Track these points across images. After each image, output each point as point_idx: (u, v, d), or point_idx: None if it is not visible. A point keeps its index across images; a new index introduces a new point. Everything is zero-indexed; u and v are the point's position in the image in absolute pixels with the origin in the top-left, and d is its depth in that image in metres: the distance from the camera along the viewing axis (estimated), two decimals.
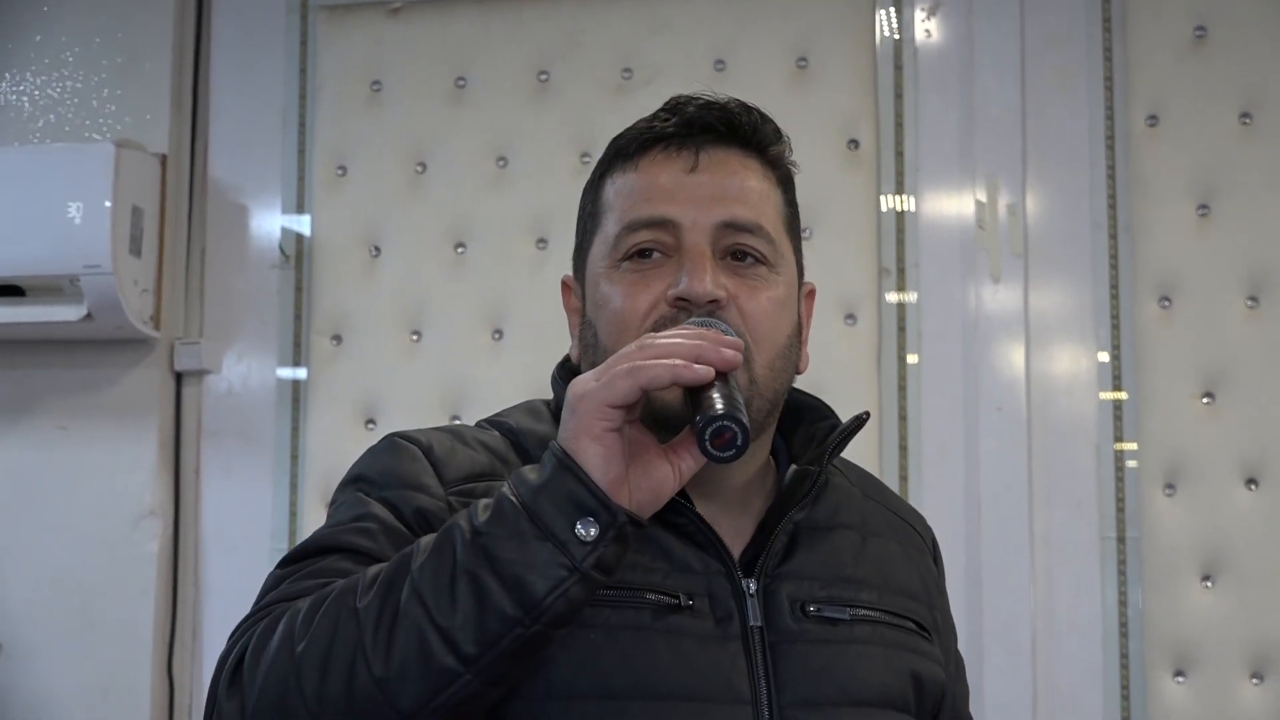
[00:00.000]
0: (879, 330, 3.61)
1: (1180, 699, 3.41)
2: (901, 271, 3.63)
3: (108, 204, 3.52)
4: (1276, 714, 3.39)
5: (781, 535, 1.78)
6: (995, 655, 3.46)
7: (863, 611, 1.80)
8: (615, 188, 1.82)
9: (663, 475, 1.57)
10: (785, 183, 1.86)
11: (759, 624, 1.74)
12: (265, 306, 3.82)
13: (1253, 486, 3.43)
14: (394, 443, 1.79)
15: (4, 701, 3.66)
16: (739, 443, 1.53)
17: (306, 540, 1.74)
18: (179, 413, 3.80)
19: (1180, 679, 3.40)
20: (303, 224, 3.83)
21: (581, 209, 1.89)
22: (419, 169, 3.84)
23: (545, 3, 3.83)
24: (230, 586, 3.53)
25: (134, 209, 3.60)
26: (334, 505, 1.80)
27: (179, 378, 3.79)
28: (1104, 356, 3.53)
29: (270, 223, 3.83)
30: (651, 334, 1.61)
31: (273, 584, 1.69)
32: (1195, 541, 3.46)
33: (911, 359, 3.59)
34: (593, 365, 1.70)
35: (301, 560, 1.70)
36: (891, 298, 3.62)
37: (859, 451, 3.41)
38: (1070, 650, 3.46)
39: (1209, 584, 3.42)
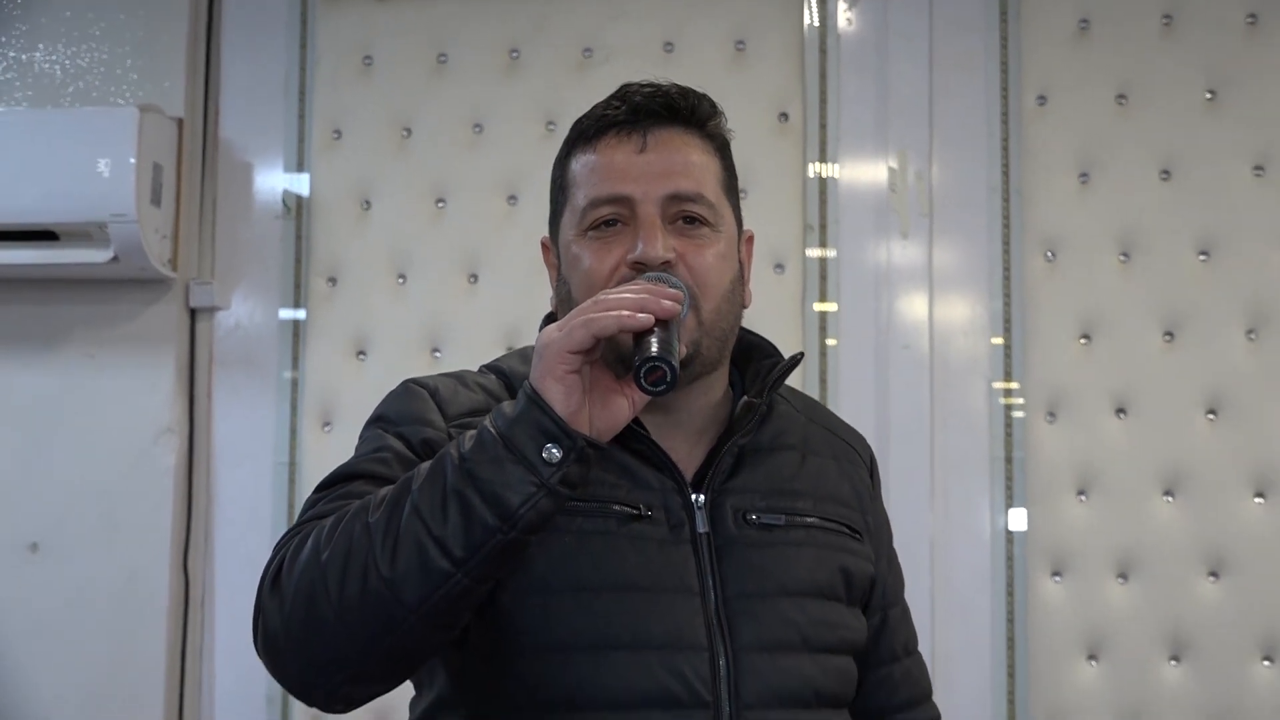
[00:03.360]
0: (804, 279, 3.61)
1: (1057, 596, 3.44)
2: (823, 228, 3.62)
3: (132, 160, 3.51)
4: (1138, 609, 3.43)
5: (727, 457, 1.81)
6: (902, 560, 3.48)
7: (798, 518, 1.83)
8: (579, 165, 1.85)
9: (618, 406, 1.62)
10: (722, 150, 1.89)
11: (706, 530, 1.77)
12: (269, 252, 3.80)
13: (1121, 415, 3.46)
14: (408, 387, 1.85)
15: (40, 593, 3.65)
16: (669, 379, 1.57)
17: (337, 468, 1.78)
18: (193, 344, 3.79)
19: (1057, 579, 3.44)
20: (302, 181, 3.82)
21: (553, 181, 1.91)
22: (405, 133, 3.83)
23: None
24: (238, 494, 3.56)
25: (154, 165, 3.59)
26: (361, 440, 1.85)
27: (193, 313, 3.78)
28: (996, 304, 3.55)
29: (273, 179, 3.82)
30: (605, 290, 1.67)
31: (309, 505, 1.75)
32: (1071, 462, 3.49)
33: (831, 305, 3.59)
34: None
35: (332, 485, 1.75)
36: (814, 252, 3.61)
37: (789, 384, 3.51)
38: (963, 556, 3.50)
39: (1083, 498, 3.46)
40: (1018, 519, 3.48)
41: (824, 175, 3.63)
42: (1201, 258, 3.46)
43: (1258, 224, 3.46)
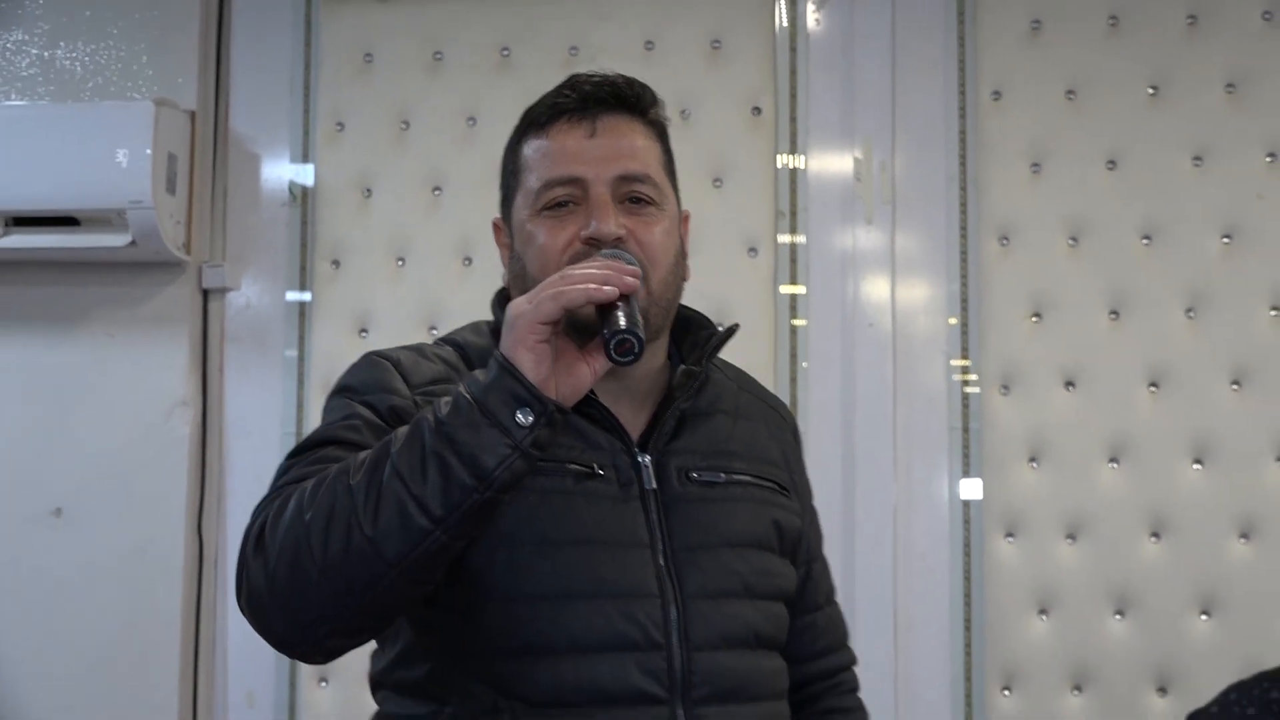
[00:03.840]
0: (775, 262, 3.62)
1: (1010, 557, 3.48)
2: (793, 215, 3.62)
3: (148, 151, 3.52)
4: (1085, 568, 3.45)
5: (670, 420, 1.86)
6: (865, 525, 3.52)
7: (735, 476, 1.88)
8: (531, 150, 1.87)
9: (581, 373, 1.64)
10: (662, 136, 1.92)
11: (653, 488, 1.81)
12: (276, 237, 3.81)
13: (1070, 388, 3.49)
14: (371, 359, 1.85)
15: (63, 556, 3.67)
16: (636, 350, 1.61)
17: (309, 435, 1.79)
18: (205, 323, 3.79)
19: (1010, 540, 3.47)
20: (307, 170, 3.82)
21: (504, 166, 1.93)
22: (403, 126, 3.82)
23: None
24: (248, 464, 3.54)
25: (169, 155, 3.60)
26: (327, 409, 1.85)
27: (205, 294, 3.78)
28: (954, 285, 3.57)
29: (280, 168, 3.82)
30: (570, 266, 1.68)
31: (283, 471, 1.75)
32: (1023, 432, 3.51)
33: (800, 287, 3.60)
34: (522, 290, 1.77)
35: (305, 452, 1.75)
36: (784, 237, 3.62)
37: (762, 361, 3.65)
38: (923, 520, 3.52)
39: (1034, 465, 3.48)
40: (973, 486, 3.51)
41: (793, 165, 3.64)
42: (1144, 242, 3.48)
43: (1196, 211, 3.48)
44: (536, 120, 1.88)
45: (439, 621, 1.79)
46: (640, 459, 1.84)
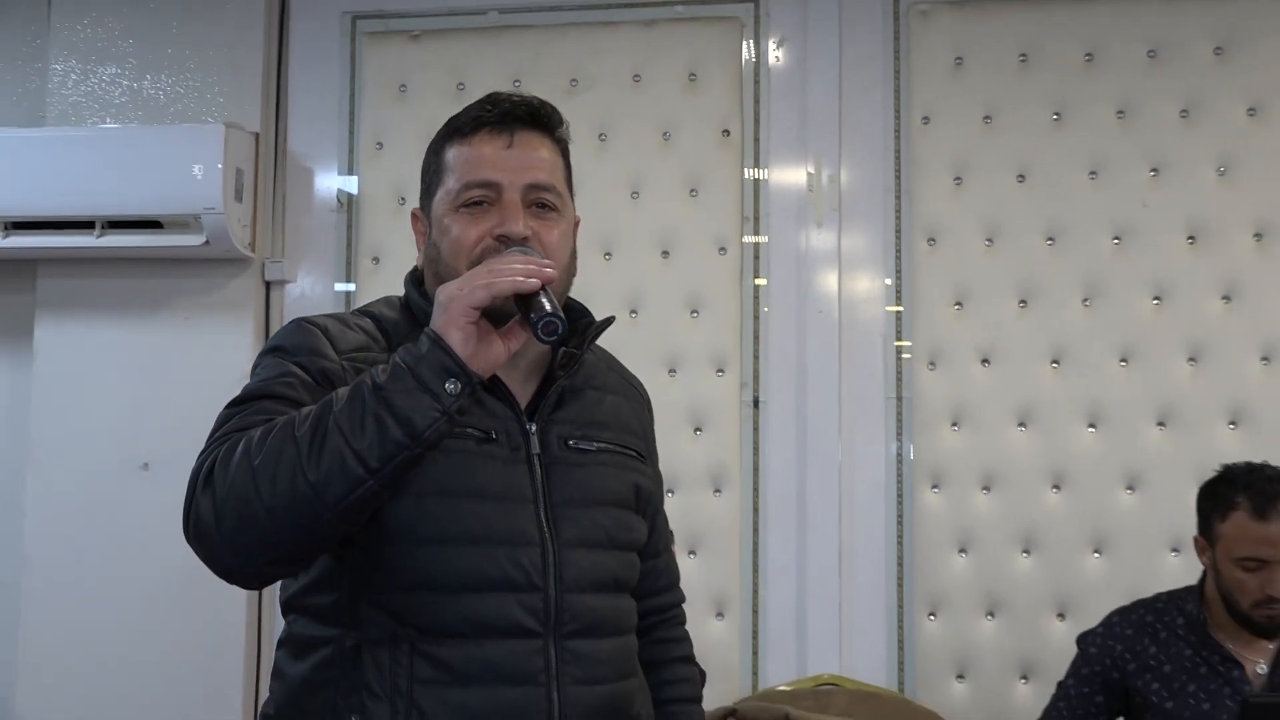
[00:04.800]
0: (741, 259, 3.68)
1: (936, 505, 3.57)
2: (757, 220, 3.68)
3: (219, 166, 3.57)
4: (997, 514, 3.54)
5: (552, 395, 1.87)
6: (815, 479, 3.58)
7: (603, 445, 1.90)
8: (454, 154, 1.85)
9: (498, 351, 1.66)
10: (565, 152, 1.91)
11: (538, 451, 1.83)
12: (326, 237, 3.86)
13: (985, 365, 3.57)
14: (302, 324, 1.83)
15: (149, 502, 3.71)
16: (560, 330, 1.64)
17: (245, 388, 1.77)
18: (267, 309, 3.85)
19: (935, 491, 3.57)
20: (352, 181, 3.86)
21: (426, 166, 1.91)
22: None
23: (517, 31, 3.82)
24: None
25: (237, 170, 3.65)
26: (259, 366, 1.82)
27: (267, 285, 3.85)
28: (890, 279, 3.62)
29: (329, 180, 3.86)
30: (495, 259, 1.71)
31: (225, 419, 1.73)
32: (948, 400, 3.59)
33: (763, 280, 3.66)
34: (435, 274, 1.83)
35: (244, 403, 1.74)
36: (750, 238, 3.67)
37: (730, 341, 3.68)
38: (864, 474, 3.58)
39: (956, 428, 3.57)
40: (906, 445, 3.57)
41: (757, 178, 3.68)
42: (1048, 243, 3.57)
43: (1093, 217, 3.55)
44: (460, 129, 1.86)
45: (350, 557, 1.77)
46: (528, 427, 1.83)
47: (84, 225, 3.69)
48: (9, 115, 4.01)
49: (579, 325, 1.92)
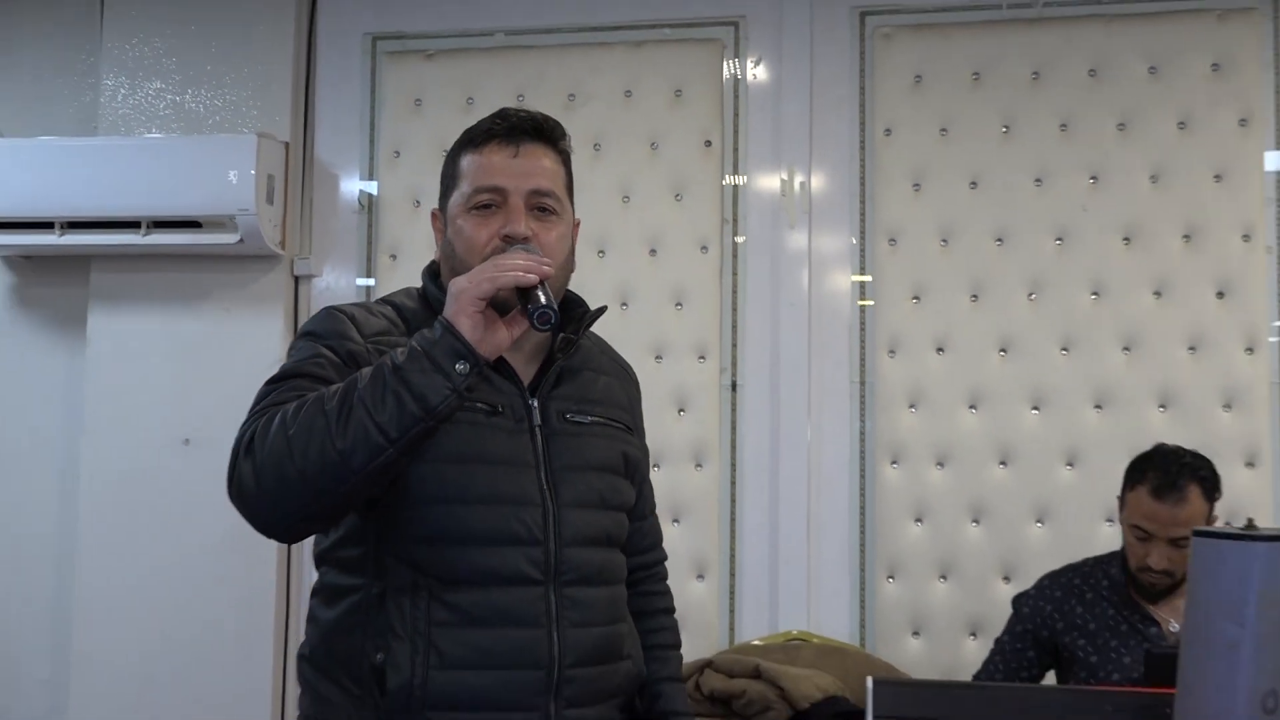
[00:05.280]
0: (721, 257, 3.72)
1: (895, 479, 3.62)
2: (736, 221, 3.71)
3: (252, 172, 3.60)
4: (949, 487, 3.58)
5: (552, 374, 1.92)
6: (786, 455, 3.62)
7: (596, 418, 1.95)
8: (468, 162, 1.90)
9: (502, 337, 1.70)
10: (567, 162, 1.94)
11: (539, 423, 1.88)
12: (349, 236, 3.88)
13: (940, 353, 3.63)
14: (331, 312, 1.87)
15: (190, 474, 3.76)
16: (553, 320, 1.68)
17: (282, 367, 1.81)
18: (296, 300, 3.89)
19: (894, 466, 3.62)
20: (372, 186, 3.88)
21: (444, 171, 1.95)
22: (444, 154, 2.78)
23: (521, 51, 3.85)
24: None
25: (269, 175, 3.68)
26: (294, 348, 1.85)
27: (296, 279, 3.88)
28: (855, 275, 3.65)
29: (352, 184, 3.88)
30: (499, 256, 1.74)
31: (264, 394, 1.77)
32: (906, 385, 3.64)
33: (740, 276, 3.69)
34: (451, 269, 1.86)
35: (281, 381, 1.78)
36: (729, 238, 3.71)
37: (710, 331, 3.69)
38: (831, 451, 3.61)
39: (913, 410, 3.62)
40: (868, 425, 3.60)
41: (736, 184, 3.71)
42: (998, 243, 3.62)
43: (1037, 220, 3.61)
44: (474, 139, 1.90)
45: (375, 515, 1.80)
46: (530, 402, 1.87)
47: (131, 225, 3.70)
48: (65, 126, 4.06)
49: (576, 314, 1.97)
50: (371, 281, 3.90)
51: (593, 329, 2.03)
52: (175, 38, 3.97)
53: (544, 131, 1.91)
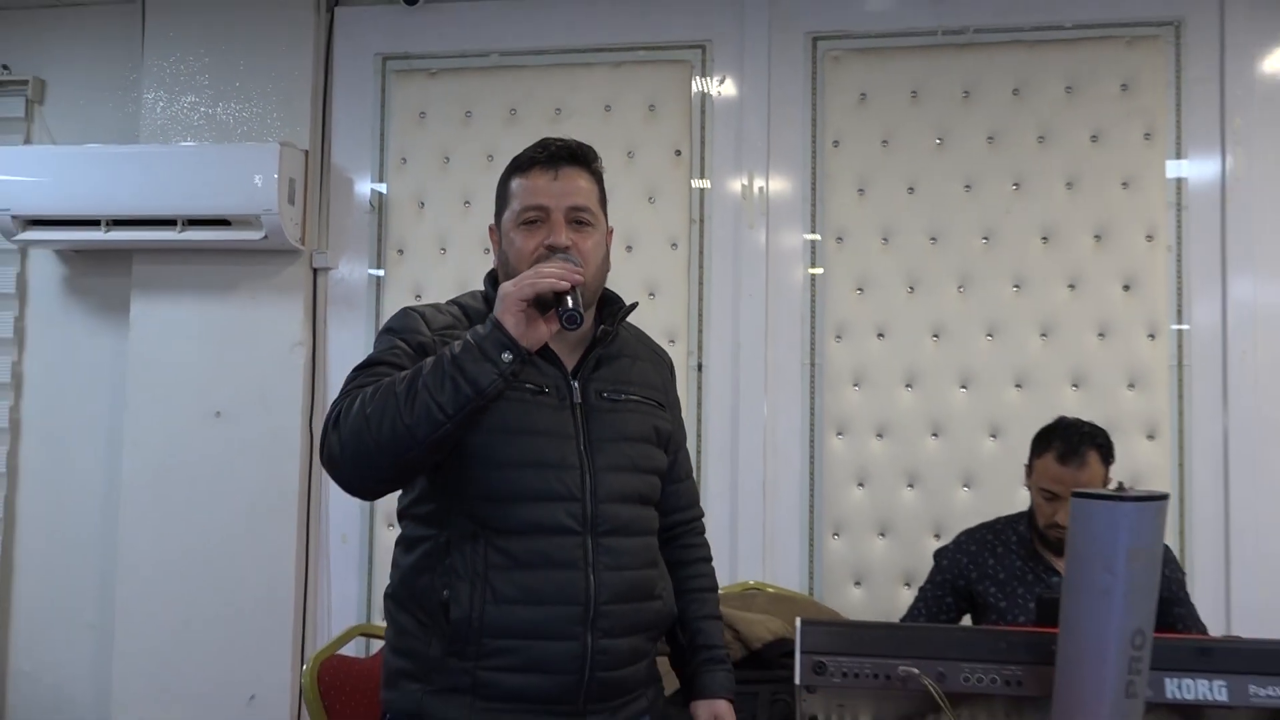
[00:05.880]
0: (688, 253, 3.83)
1: (840, 449, 3.73)
2: (702, 221, 3.83)
3: (275, 177, 3.71)
4: (888, 455, 3.69)
5: (592, 360, 2.02)
6: (745, 428, 3.75)
7: (630, 396, 2.05)
8: (516, 184, 2.01)
9: (542, 332, 1.81)
10: (599, 180, 2.06)
11: (579, 401, 1.99)
12: (361, 233, 3.98)
13: (881, 338, 3.72)
14: (407, 311, 2.00)
15: (220, 444, 3.89)
16: (578, 321, 1.79)
17: (367, 357, 1.93)
18: (315, 290, 3.98)
19: (840, 437, 3.73)
20: (382, 188, 3.97)
21: (498, 193, 2.06)
22: (445, 161, 3.96)
23: (513, 70, 3.93)
24: (340, 382, 1.66)
25: (290, 179, 3.78)
26: (378, 342, 1.98)
27: (315, 272, 3.98)
28: (810, 270, 3.76)
29: (364, 187, 3.98)
30: (540, 264, 1.85)
31: (352, 379, 1.89)
32: (851, 367, 3.75)
33: (706, 270, 3.80)
34: (507, 275, 1.96)
35: (365, 368, 1.90)
36: (696, 236, 3.83)
37: (679, 320, 3.78)
38: (784, 424, 3.71)
39: (857, 388, 3.75)
40: (817, 401, 3.72)
41: (702, 188, 3.82)
42: (932, 242, 3.74)
43: (967, 221, 3.73)
44: (521, 165, 2.02)
45: (442, 478, 1.93)
46: (572, 383, 1.98)
47: (168, 223, 3.81)
48: (110, 134, 4.16)
49: (613, 309, 2.08)
50: (381, 273, 3.99)
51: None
52: (208, 56, 4.06)
53: (579, 157, 2.03)
